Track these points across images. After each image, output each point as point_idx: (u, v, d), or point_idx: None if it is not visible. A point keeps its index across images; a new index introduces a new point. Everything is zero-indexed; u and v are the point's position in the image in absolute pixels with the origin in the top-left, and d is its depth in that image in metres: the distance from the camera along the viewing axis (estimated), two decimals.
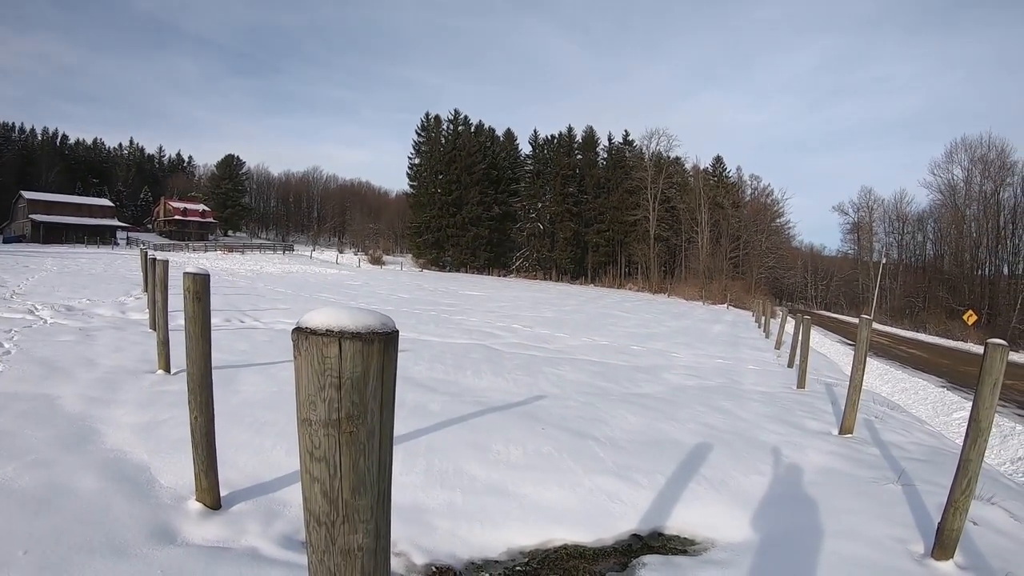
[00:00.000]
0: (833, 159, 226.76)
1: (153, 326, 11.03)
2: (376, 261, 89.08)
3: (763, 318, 29.34)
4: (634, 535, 4.30)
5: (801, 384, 11.68)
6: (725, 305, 57.42)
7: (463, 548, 3.88)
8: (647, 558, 4.00)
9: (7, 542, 3.36)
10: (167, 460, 4.79)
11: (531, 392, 8.56)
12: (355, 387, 1.09)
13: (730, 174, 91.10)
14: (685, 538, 4.35)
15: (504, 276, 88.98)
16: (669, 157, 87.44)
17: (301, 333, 1.10)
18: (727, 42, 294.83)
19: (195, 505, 4.03)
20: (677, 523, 4.50)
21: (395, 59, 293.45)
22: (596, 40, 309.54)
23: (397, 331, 1.15)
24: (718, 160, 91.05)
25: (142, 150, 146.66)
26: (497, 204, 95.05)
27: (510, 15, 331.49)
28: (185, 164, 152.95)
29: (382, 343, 1.11)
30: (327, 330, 1.08)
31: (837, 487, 5.45)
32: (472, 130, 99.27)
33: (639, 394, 9.28)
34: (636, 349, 15.98)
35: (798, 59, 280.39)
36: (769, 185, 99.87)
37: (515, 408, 7.41)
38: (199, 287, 4.08)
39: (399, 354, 1.21)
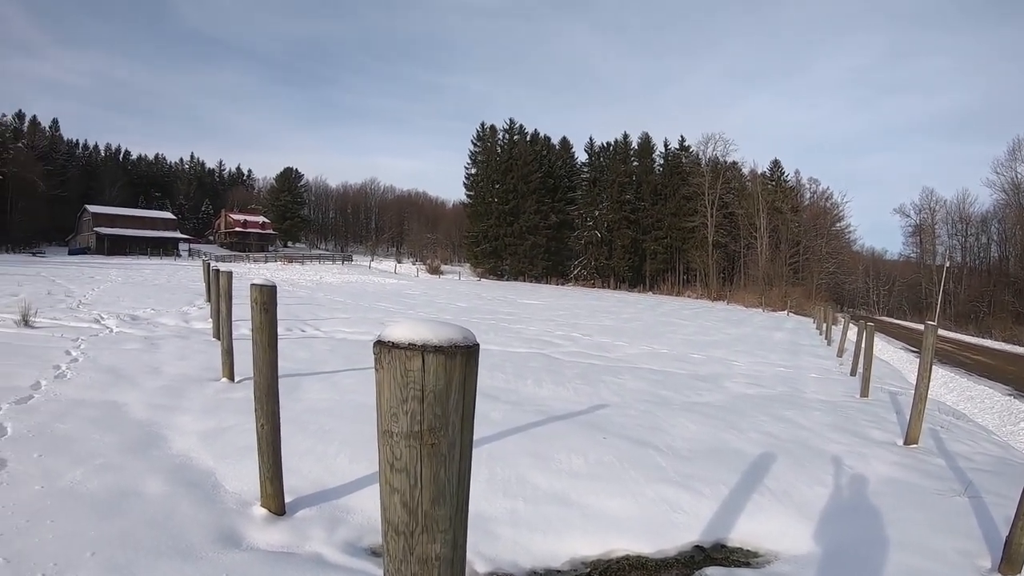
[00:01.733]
0: (892, 159, 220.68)
1: (216, 335, 11.26)
2: (434, 271, 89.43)
3: (824, 325, 28.82)
4: (696, 546, 4.26)
5: (864, 392, 11.44)
6: (785, 312, 56.46)
7: (525, 557, 3.88)
8: (710, 570, 3.96)
9: (76, 544, 3.45)
10: (232, 466, 4.88)
11: (592, 401, 8.52)
12: (437, 399, 1.10)
13: (788, 178, 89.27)
14: (748, 550, 4.29)
15: (562, 285, 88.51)
16: (726, 162, 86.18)
17: (383, 347, 1.12)
18: (778, 41, 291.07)
19: (260, 511, 4.10)
20: (740, 534, 4.44)
21: (447, 69, 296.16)
22: (647, 45, 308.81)
23: (478, 344, 1.16)
24: (776, 164, 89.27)
25: (202, 164, 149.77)
26: (554, 212, 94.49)
27: (560, 22, 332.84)
28: (244, 177, 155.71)
29: (464, 356, 1.12)
30: (410, 343, 1.09)
31: (902, 499, 5.32)
32: (528, 139, 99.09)
33: (700, 403, 9.19)
34: (696, 357, 15.82)
35: (851, 55, 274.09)
36: (828, 188, 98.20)
37: (576, 417, 7.39)
38: (266, 298, 4.15)
39: None
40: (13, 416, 5.89)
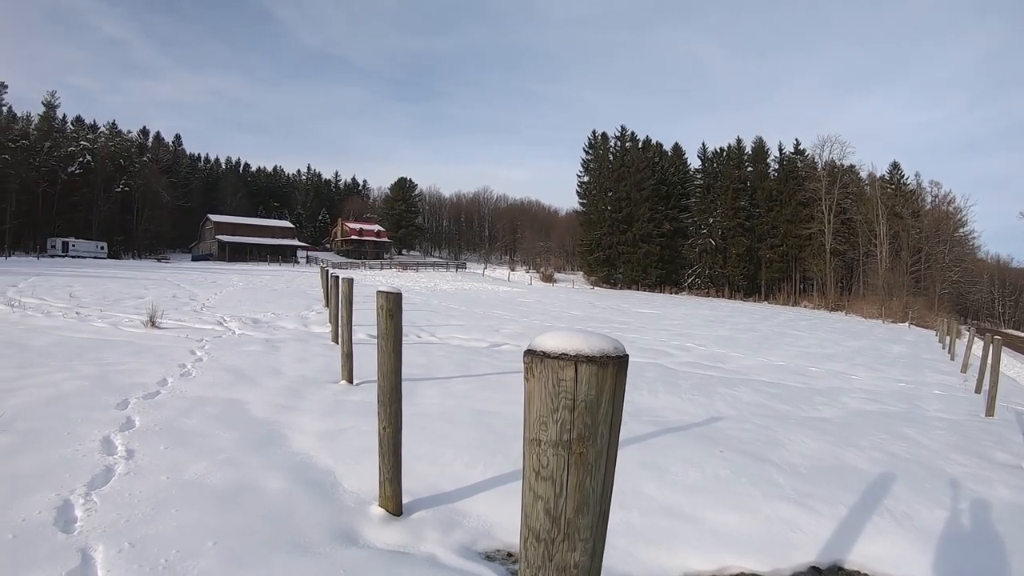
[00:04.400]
0: (1020, 158, 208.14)
1: (335, 339, 11.55)
2: (547, 278, 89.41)
3: (948, 338, 27.56)
4: (813, 567, 4.12)
5: (990, 411, 10.85)
6: (906, 324, 54.20)
7: (639, 569, 3.83)
8: None
9: (197, 533, 3.61)
10: (350, 466, 5.00)
11: (707, 413, 8.38)
12: (588, 409, 1.11)
13: (908, 181, 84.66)
14: (865, 574, 4.14)
15: (675, 293, 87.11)
16: (843, 165, 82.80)
17: (535, 356, 1.13)
18: (893, 35, 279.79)
19: (377, 510, 4.19)
20: (858, 557, 4.27)
21: (556, 80, 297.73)
22: (758, 47, 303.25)
23: (628, 355, 1.17)
24: (895, 166, 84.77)
25: (319, 175, 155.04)
26: (667, 220, 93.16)
27: (669, 30, 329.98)
28: (360, 187, 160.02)
29: (615, 367, 1.12)
30: (562, 353, 1.10)
31: None
32: (639, 146, 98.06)
33: (817, 418, 8.92)
34: (813, 370, 15.37)
35: (971, 47, 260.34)
36: (950, 191, 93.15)
37: (691, 429, 7.28)
38: (392, 305, 4.25)
39: None
40: (141, 410, 6.22)
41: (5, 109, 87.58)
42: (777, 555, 4.15)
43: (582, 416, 1.11)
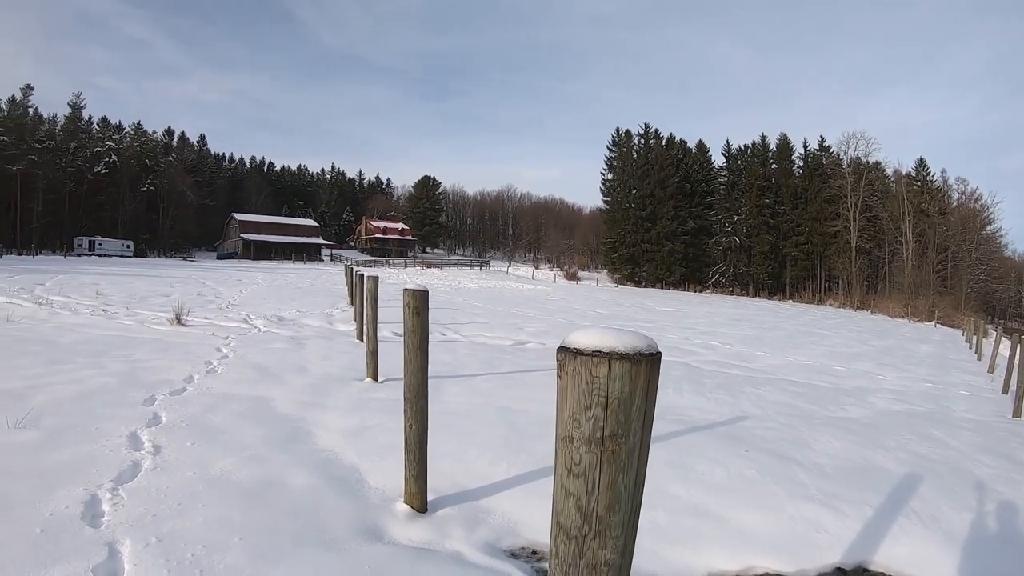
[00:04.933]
0: None
1: (359, 337, 11.60)
2: (571, 276, 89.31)
3: (974, 338, 27.26)
4: (838, 568, 4.07)
5: (1017, 413, 10.73)
6: (933, 323, 53.63)
7: (663, 569, 3.81)
8: None
9: (224, 528, 3.64)
10: (375, 463, 5.03)
11: (732, 412, 8.33)
12: (621, 406, 1.10)
13: (934, 177, 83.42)
14: None
15: (700, 292, 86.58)
16: (868, 162, 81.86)
17: (568, 353, 1.13)
18: (915, 32, 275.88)
19: (403, 507, 4.20)
20: (883, 559, 4.22)
21: (579, 78, 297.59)
22: (782, 44, 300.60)
23: (660, 352, 1.16)
24: (921, 163, 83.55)
25: (343, 174, 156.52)
26: (692, 218, 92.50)
27: (691, 28, 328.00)
28: (384, 186, 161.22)
29: (648, 364, 1.12)
30: (596, 350, 1.10)
31: None
32: (663, 143, 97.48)
33: (844, 418, 8.84)
34: (839, 370, 15.26)
35: (995, 43, 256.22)
36: (977, 188, 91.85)
37: (717, 428, 7.24)
38: (419, 302, 4.27)
39: None
40: (168, 407, 6.28)
41: (31, 111, 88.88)
42: (802, 555, 4.12)
43: (615, 413, 1.11)
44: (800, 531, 4.44)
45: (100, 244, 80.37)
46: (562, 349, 1.15)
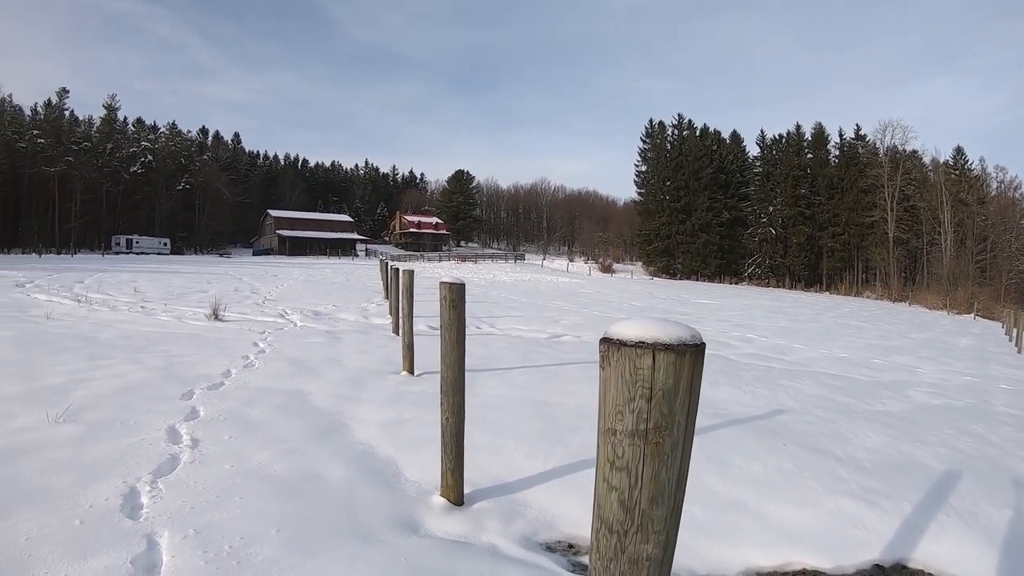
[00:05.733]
0: None
1: (395, 331, 11.65)
2: (606, 269, 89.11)
3: (1015, 331, 26.77)
4: (876, 565, 4.00)
5: None
6: (972, 315, 52.72)
7: (699, 564, 3.78)
8: None
9: (261, 521, 3.67)
10: (412, 456, 5.04)
11: (769, 406, 8.23)
12: (665, 398, 1.09)
13: (972, 166, 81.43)
14: (930, 574, 4.03)
15: (735, 284, 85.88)
16: (905, 151, 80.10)
17: (611, 344, 1.11)
18: (950, 20, 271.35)
19: (439, 500, 4.21)
20: (922, 555, 4.14)
21: (613, 70, 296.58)
22: (816, 31, 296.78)
23: (704, 344, 1.14)
24: (959, 151, 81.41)
25: (377, 169, 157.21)
26: (727, 209, 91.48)
27: (726, 16, 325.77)
28: (417, 180, 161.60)
29: (693, 355, 1.10)
30: (639, 341, 1.08)
31: None
32: (697, 134, 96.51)
33: (882, 412, 8.71)
34: (877, 363, 15.05)
35: None
36: (1016, 176, 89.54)
37: (753, 422, 7.16)
38: (455, 295, 4.27)
39: None
40: (206, 401, 6.36)
41: (67, 113, 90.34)
42: (840, 552, 4.06)
43: (659, 405, 1.09)
44: (838, 527, 4.38)
45: (137, 242, 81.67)
46: (605, 340, 1.13)
